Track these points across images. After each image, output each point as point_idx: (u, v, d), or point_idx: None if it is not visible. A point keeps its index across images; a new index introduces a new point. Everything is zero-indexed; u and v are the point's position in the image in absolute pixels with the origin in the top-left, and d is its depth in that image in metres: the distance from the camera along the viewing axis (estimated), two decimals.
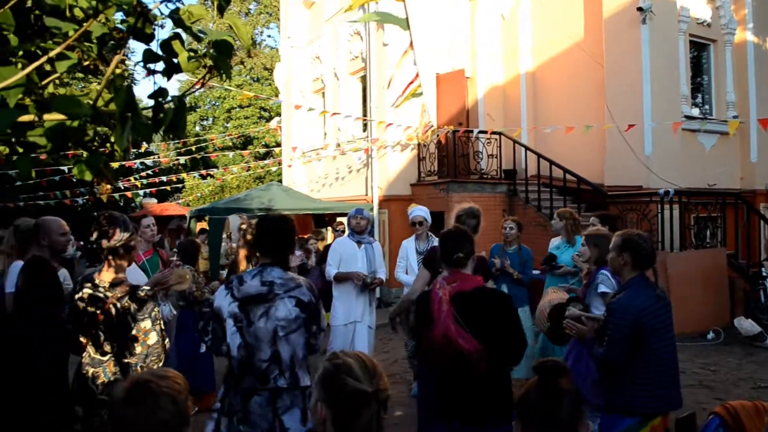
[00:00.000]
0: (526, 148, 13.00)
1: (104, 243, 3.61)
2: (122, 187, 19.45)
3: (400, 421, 5.95)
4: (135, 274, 5.46)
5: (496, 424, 3.48)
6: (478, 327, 3.40)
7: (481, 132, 13.31)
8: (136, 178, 19.30)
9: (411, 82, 11.70)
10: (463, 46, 14.98)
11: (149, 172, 19.76)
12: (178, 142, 22.22)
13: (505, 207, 12.78)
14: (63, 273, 4.58)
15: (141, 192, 20.15)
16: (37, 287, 3.87)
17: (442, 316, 3.44)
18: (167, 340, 3.96)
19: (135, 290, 3.66)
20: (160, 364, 3.74)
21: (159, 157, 21.22)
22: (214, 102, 37.77)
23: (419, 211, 6.86)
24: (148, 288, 3.74)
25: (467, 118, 14.51)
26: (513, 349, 3.54)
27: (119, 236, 3.62)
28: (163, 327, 3.92)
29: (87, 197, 17.92)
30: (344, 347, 6.18)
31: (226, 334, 3.43)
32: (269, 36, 55.16)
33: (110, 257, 3.64)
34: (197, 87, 1.83)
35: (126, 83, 1.62)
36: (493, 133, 13.24)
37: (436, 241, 6.79)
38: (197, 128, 38.00)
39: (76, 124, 1.65)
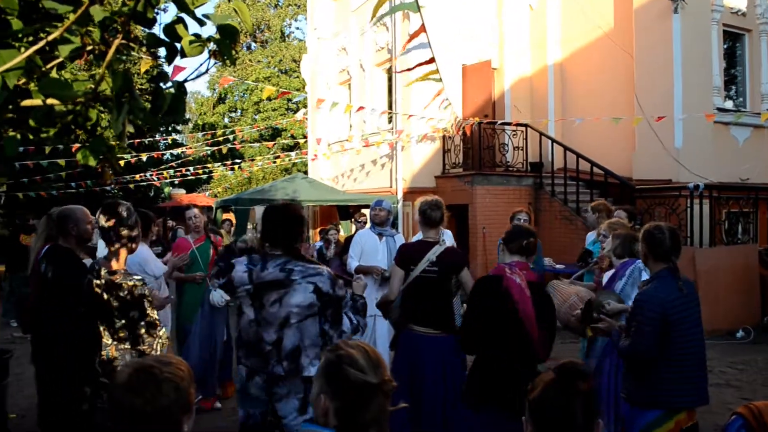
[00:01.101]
0: (553, 141, 12.84)
1: (124, 231, 3.62)
2: (153, 177, 19.66)
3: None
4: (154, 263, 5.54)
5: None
6: (539, 319, 3.56)
7: (507, 124, 13.17)
8: (165, 169, 19.52)
9: (425, 63, 11.58)
10: (490, 36, 14.82)
11: (177, 162, 19.97)
12: (206, 134, 22.41)
13: (531, 200, 12.64)
14: (88, 262, 4.66)
15: (169, 182, 20.37)
16: (66, 277, 3.94)
17: (525, 302, 3.54)
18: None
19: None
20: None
21: (186, 149, 21.42)
22: (242, 94, 38.01)
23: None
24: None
25: (493, 109, 14.36)
26: (550, 342, 3.68)
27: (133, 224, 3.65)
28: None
29: (115, 187, 18.18)
30: (365, 340, 6.16)
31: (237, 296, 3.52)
32: (297, 28, 55.33)
33: (128, 244, 3.66)
34: (202, 72, 1.81)
35: (123, 67, 1.60)
36: (520, 124, 13.09)
37: (446, 233, 6.76)
38: (225, 120, 38.29)
39: (78, 107, 1.64)
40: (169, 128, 28.20)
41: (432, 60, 11.42)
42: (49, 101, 1.57)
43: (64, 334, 3.77)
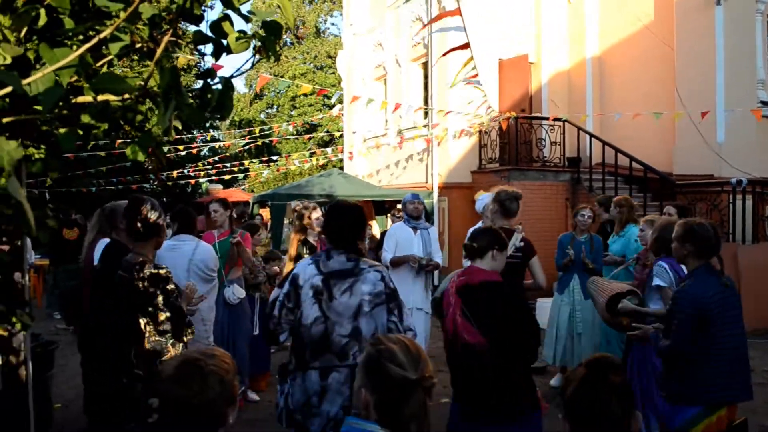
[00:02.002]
0: (591, 135, 12.67)
1: (155, 224, 3.70)
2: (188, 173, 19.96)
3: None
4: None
5: (514, 419, 3.40)
6: (483, 320, 3.36)
7: (544, 118, 13.04)
8: (203, 164, 19.79)
9: (460, 47, 11.53)
10: (527, 30, 14.67)
11: (215, 158, 20.24)
12: (243, 130, 22.65)
13: (568, 196, 12.51)
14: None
15: (206, 178, 20.67)
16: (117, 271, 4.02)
17: (450, 309, 3.46)
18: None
19: None
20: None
21: (223, 145, 21.69)
22: (279, 90, 38.30)
23: (486, 197, 6.79)
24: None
25: (530, 104, 14.23)
26: (522, 342, 3.44)
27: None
28: None
29: (155, 182, 18.50)
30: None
31: (300, 303, 3.40)
32: (333, 24, 55.48)
33: (157, 239, 3.73)
34: (246, 68, 1.84)
35: (171, 63, 1.64)
36: (557, 119, 12.95)
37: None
38: (262, 116, 38.65)
39: (128, 102, 1.68)
40: (207, 125, 28.59)
41: (467, 45, 11.32)
42: (101, 97, 1.61)
43: (110, 325, 3.85)
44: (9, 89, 1.48)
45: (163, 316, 3.54)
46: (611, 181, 11.72)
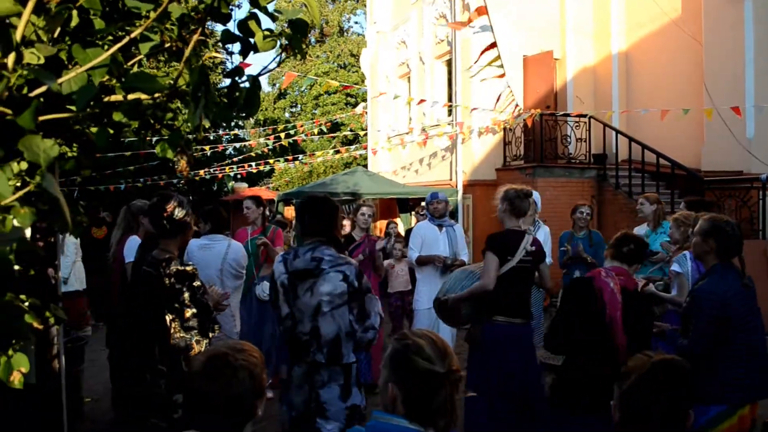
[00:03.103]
0: (617, 132, 12.54)
1: (182, 221, 3.74)
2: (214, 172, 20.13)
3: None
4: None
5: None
6: (629, 326, 3.45)
7: (569, 115, 12.94)
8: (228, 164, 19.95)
9: (487, 48, 11.50)
10: (552, 26, 14.57)
11: (240, 156, 20.40)
12: (268, 128, 22.77)
13: (594, 193, 12.41)
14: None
15: (232, 176, 20.83)
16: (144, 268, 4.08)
17: (615, 306, 3.45)
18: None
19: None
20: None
21: (249, 143, 21.84)
22: (302, 89, 38.44)
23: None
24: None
25: (555, 100, 14.13)
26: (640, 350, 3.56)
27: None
28: None
29: (181, 180, 18.69)
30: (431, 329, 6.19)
31: (278, 300, 3.58)
32: (356, 22, 55.57)
33: (182, 236, 3.76)
34: (273, 66, 1.86)
35: (200, 62, 1.66)
36: (582, 116, 12.84)
37: (544, 228, 6.68)
38: (286, 114, 38.82)
39: (158, 101, 1.71)
40: (232, 123, 28.82)
41: (494, 45, 11.30)
42: (131, 96, 1.64)
43: (135, 321, 3.90)
44: (43, 89, 1.52)
45: (189, 313, 3.57)
46: (638, 178, 11.59)
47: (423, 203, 9.55)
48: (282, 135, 19.72)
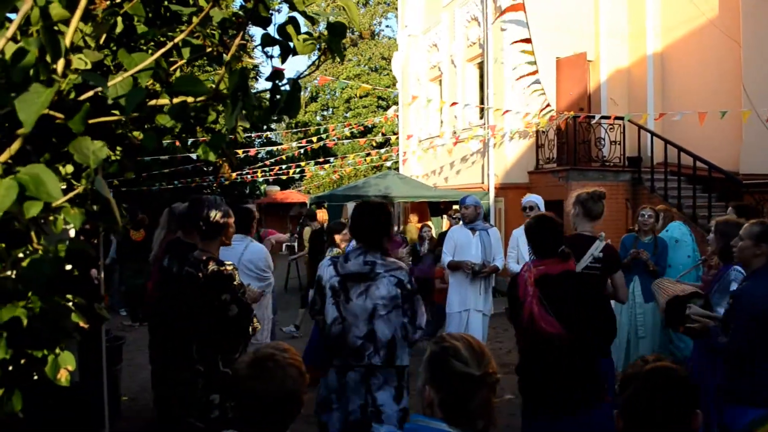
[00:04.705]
0: (653, 134, 12.36)
1: (231, 221, 3.80)
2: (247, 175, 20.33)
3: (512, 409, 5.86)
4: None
5: (586, 411, 3.38)
6: (563, 311, 3.36)
7: (603, 117, 12.79)
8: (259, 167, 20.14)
9: (521, 41, 11.44)
10: (585, 28, 14.43)
11: (272, 160, 20.59)
12: (300, 131, 22.92)
13: (629, 196, 12.24)
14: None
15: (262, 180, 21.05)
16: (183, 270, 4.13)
17: (527, 298, 3.43)
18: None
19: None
20: None
21: (280, 147, 22.03)
22: (334, 92, 38.65)
23: (533, 198, 6.74)
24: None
25: (589, 103, 13.98)
26: (599, 335, 3.50)
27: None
28: None
29: (214, 184, 18.92)
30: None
31: (324, 305, 3.60)
32: (387, 26, 55.72)
33: (222, 238, 3.81)
34: (312, 69, 1.88)
35: (240, 66, 1.69)
36: (617, 118, 12.68)
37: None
38: (318, 118, 39.06)
39: (198, 104, 1.74)
40: (264, 127, 29.08)
41: (528, 40, 11.25)
42: (176, 99, 1.67)
43: (176, 322, 3.96)
44: (90, 93, 1.56)
45: (231, 312, 3.60)
46: (674, 181, 11.41)
47: (455, 206, 9.54)
48: (314, 138, 19.87)
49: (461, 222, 6.78)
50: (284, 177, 20.73)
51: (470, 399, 1.87)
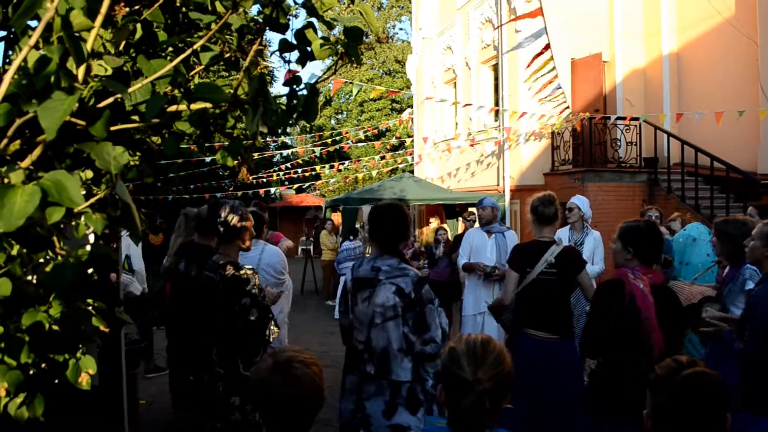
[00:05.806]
0: (669, 135, 12.26)
1: (249, 225, 3.81)
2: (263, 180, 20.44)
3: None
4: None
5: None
6: (663, 320, 3.33)
7: (619, 118, 12.71)
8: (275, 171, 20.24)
9: (541, 52, 11.40)
10: (600, 29, 14.34)
11: (288, 165, 20.68)
12: (314, 135, 22.99)
13: (645, 197, 12.14)
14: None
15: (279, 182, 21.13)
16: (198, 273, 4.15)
17: (650, 310, 3.33)
18: None
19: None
20: None
21: (295, 150, 22.11)
22: (348, 95, 38.73)
23: (574, 199, 6.71)
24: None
25: (604, 104, 13.91)
26: (675, 343, 3.45)
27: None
28: None
29: (230, 188, 19.03)
30: None
31: (347, 307, 3.66)
32: (401, 29, 55.78)
33: (239, 242, 3.81)
34: (329, 74, 1.89)
35: (258, 71, 1.70)
36: (633, 119, 12.60)
37: (593, 234, 6.59)
38: (332, 122, 39.16)
39: (217, 110, 1.76)
40: (279, 131, 29.22)
41: (547, 47, 11.21)
42: (194, 106, 1.69)
43: (193, 324, 3.97)
44: (110, 100, 1.58)
45: (249, 315, 3.60)
46: (691, 182, 11.31)
47: (471, 209, 9.52)
48: (329, 141, 19.92)
49: (477, 224, 6.77)
50: (300, 180, 20.80)
51: (461, 402, 1.89)
